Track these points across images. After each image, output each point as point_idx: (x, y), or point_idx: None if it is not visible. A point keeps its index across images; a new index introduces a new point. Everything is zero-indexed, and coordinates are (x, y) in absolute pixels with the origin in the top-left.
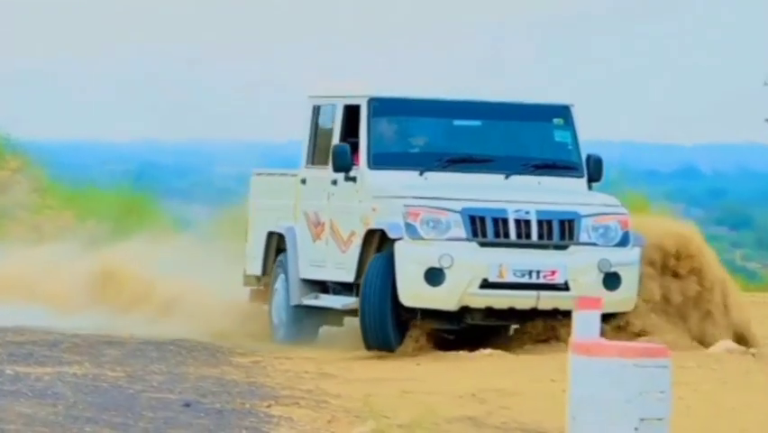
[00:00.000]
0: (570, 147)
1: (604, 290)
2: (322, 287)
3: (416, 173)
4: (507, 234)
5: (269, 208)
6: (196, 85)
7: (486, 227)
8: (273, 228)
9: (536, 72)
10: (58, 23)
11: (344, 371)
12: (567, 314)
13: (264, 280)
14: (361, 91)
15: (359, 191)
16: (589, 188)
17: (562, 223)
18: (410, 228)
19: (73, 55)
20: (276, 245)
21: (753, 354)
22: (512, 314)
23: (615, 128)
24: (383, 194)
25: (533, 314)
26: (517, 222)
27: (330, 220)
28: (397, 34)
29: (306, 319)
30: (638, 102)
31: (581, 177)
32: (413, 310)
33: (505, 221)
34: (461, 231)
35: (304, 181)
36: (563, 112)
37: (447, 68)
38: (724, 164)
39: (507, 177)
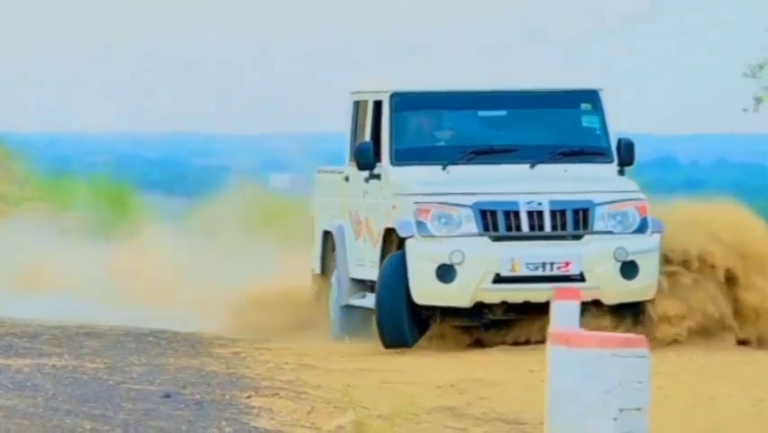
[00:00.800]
0: (598, 132)
1: (621, 280)
2: (371, 285)
3: (438, 168)
4: (519, 227)
5: (325, 207)
6: (178, 79)
7: (497, 221)
8: (327, 227)
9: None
10: (41, 15)
11: (324, 362)
12: (585, 305)
13: (323, 280)
14: (384, 86)
15: (383, 188)
16: (621, 172)
17: (575, 212)
18: (421, 226)
19: (54, 48)
20: (331, 244)
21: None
22: (532, 307)
23: None
24: (400, 191)
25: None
26: (530, 214)
27: (366, 218)
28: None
29: (358, 315)
30: (624, 94)
31: (611, 162)
32: (431, 308)
33: (517, 214)
34: (472, 226)
35: (347, 179)
36: (591, 97)
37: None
38: (702, 155)
39: (532, 166)
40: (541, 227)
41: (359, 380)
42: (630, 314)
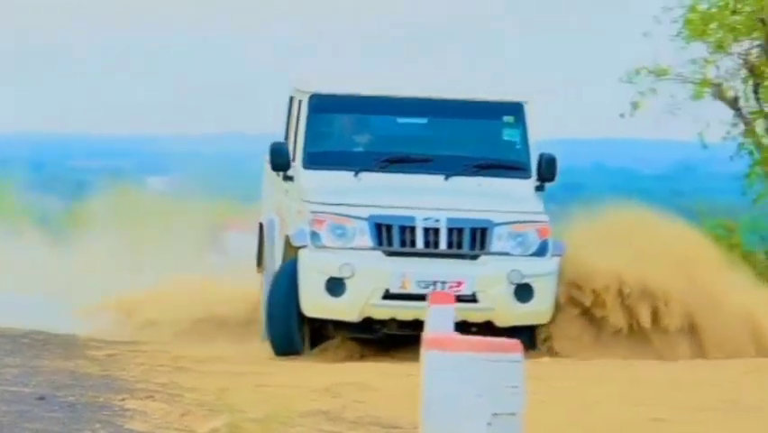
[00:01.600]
0: (518, 146)
1: (515, 302)
2: None
3: (350, 174)
4: (414, 243)
5: (266, 198)
6: (63, 76)
7: (393, 236)
8: (262, 219)
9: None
10: None
11: (199, 364)
12: (481, 327)
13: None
14: (305, 86)
15: (295, 191)
16: (542, 188)
17: (473, 231)
18: (315, 236)
19: None
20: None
21: None
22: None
23: None
24: (304, 197)
25: None
26: (426, 230)
27: (285, 217)
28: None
29: None
30: None
31: (528, 177)
32: (323, 319)
33: (413, 229)
34: (366, 240)
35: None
36: (515, 109)
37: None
38: (578, 159)
39: (447, 178)
40: (436, 245)
41: (234, 383)
42: (524, 337)
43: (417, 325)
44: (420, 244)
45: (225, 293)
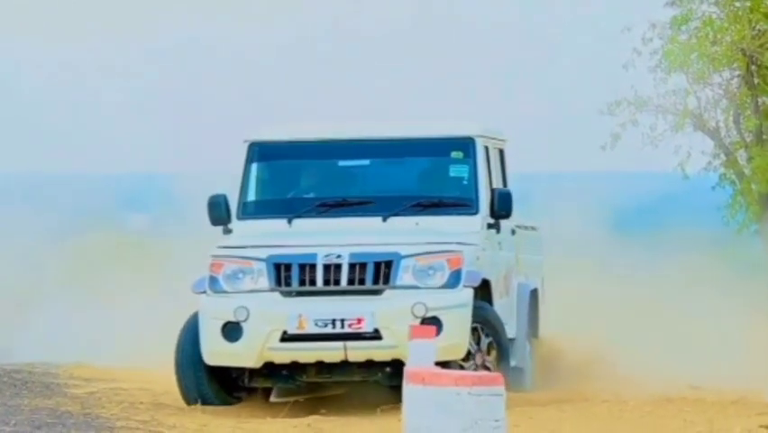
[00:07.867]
0: (465, 182)
1: None
2: None
3: (284, 222)
4: (314, 282)
5: None
6: None
7: (291, 275)
8: None
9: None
10: None
11: (179, 401)
12: (384, 365)
13: None
14: (246, 135)
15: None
16: (496, 225)
17: (377, 265)
18: (213, 281)
19: None
20: None
21: None
22: (346, 367)
23: None
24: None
25: (368, 366)
26: (326, 267)
27: None
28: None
29: None
30: None
31: (475, 213)
32: (240, 368)
33: (313, 267)
34: (264, 281)
35: None
36: (464, 144)
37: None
38: (557, 193)
39: (384, 219)
40: (338, 282)
41: (215, 419)
42: None
43: (343, 368)
44: (320, 281)
45: None
